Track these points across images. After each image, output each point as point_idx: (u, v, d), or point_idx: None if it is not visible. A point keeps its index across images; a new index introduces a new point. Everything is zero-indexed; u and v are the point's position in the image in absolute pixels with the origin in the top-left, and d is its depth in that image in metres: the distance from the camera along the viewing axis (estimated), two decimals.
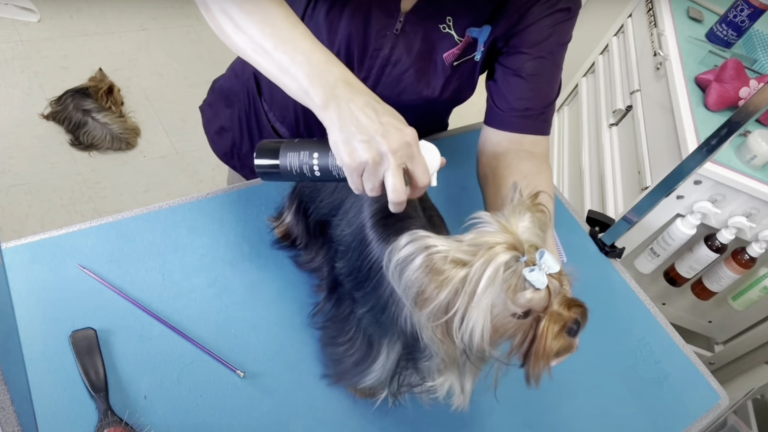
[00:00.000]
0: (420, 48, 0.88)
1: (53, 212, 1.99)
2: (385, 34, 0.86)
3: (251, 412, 0.73)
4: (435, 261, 0.54)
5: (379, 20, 0.85)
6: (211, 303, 0.81)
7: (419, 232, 0.55)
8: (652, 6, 1.81)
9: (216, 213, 0.91)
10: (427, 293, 0.55)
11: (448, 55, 0.89)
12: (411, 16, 0.85)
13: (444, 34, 0.87)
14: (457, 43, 0.87)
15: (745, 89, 1.40)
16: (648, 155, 1.51)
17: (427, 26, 0.86)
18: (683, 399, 0.93)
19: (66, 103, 2.18)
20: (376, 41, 0.87)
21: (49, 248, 0.80)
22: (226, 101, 1.13)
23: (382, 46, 0.88)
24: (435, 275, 0.54)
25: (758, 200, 1.32)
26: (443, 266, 0.54)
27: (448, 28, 0.86)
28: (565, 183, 2.01)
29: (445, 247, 0.54)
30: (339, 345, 0.74)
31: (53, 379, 0.70)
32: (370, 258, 0.69)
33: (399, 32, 0.86)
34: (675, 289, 1.60)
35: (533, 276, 0.54)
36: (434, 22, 0.86)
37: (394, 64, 0.89)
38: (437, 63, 0.89)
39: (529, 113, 0.89)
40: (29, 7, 2.54)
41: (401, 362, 0.68)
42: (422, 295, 0.55)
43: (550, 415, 0.85)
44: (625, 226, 1.09)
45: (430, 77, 0.91)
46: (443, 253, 0.54)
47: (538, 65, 0.88)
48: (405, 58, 0.88)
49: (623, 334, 0.99)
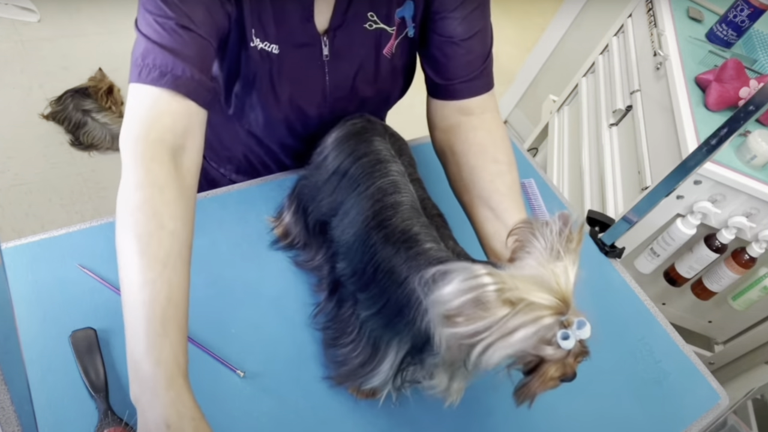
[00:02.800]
0: (357, 61, 0.87)
1: (53, 212, 1.99)
2: (317, 65, 0.85)
3: (251, 412, 0.73)
4: (486, 296, 0.53)
5: (305, 61, 0.84)
6: (211, 303, 0.81)
7: (475, 269, 0.54)
8: (652, 6, 1.81)
9: (216, 213, 0.91)
10: (462, 317, 0.54)
11: (387, 48, 0.87)
12: (333, 32, 0.83)
13: (373, 32, 0.85)
14: (391, 33, 0.86)
15: (745, 89, 1.40)
16: (648, 155, 1.51)
17: (353, 33, 0.84)
18: (683, 399, 0.93)
19: (66, 103, 2.18)
20: (314, 81, 0.86)
21: (49, 248, 0.80)
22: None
23: (322, 78, 0.86)
24: (480, 309, 0.54)
25: (758, 200, 1.32)
26: (492, 303, 0.53)
27: (375, 23, 0.84)
28: (565, 183, 2.01)
29: (496, 286, 0.53)
30: (342, 346, 0.74)
31: (53, 379, 0.70)
32: (375, 260, 0.68)
33: (329, 56, 0.85)
34: (675, 289, 1.60)
35: (565, 342, 0.55)
36: (358, 25, 0.83)
37: (338, 86, 0.88)
38: (381, 62, 0.88)
39: (471, 76, 0.87)
40: (29, 7, 2.54)
41: (407, 359, 0.68)
42: (457, 317, 0.54)
43: (550, 415, 0.84)
44: (625, 226, 1.09)
45: (378, 78, 0.90)
46: (495, 289, 0.53)
47: (467, 26, 0.85)
48: (345, 79, 0.88)
49: (623, 334, 0.99)
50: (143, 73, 0.68)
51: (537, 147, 2.48)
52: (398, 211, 0.71)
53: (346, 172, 0.77)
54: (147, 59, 0.69)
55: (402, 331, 0.66)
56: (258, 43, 0.80)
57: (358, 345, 0.72)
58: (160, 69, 0.68)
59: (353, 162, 0.77)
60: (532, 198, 1.14)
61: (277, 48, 0.81)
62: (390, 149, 0.78)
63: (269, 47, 0.81)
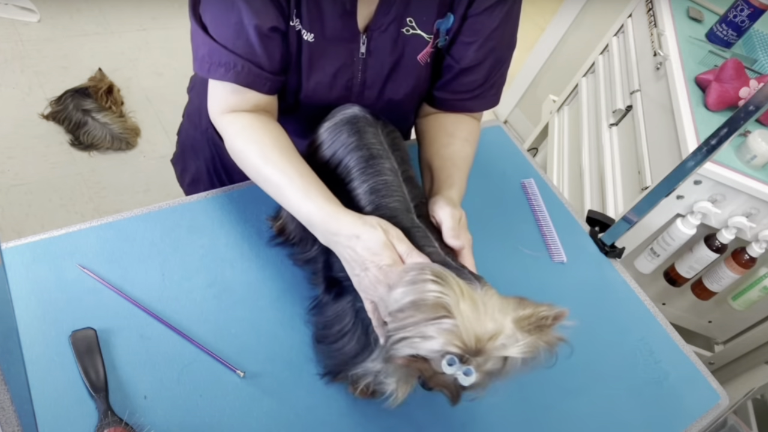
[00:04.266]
0: (391, 60, 0.87)
1: (53, 212, 1.99)
2: (352, 62, 0.86)
3: (251, 412, 0.73)
4: (426, 299, 0.58)
5: (340, 55, 0.85)
6: (211, 303, 0.81)
7: (425, 272, 0.59)
8: (652, 6, 1.81)
9: (216, 213, 0.91)
10: (403, 314, 0.59)
11: (423, 55, 0.88)
12: (372, 33, 0.84)
13: (410, 37, 0.86)
14: (428, 41, 0.87)
15: (745, 89, 1.40)
16: (648, 155, 1.51)
17: (391, 36, 0.85)
18: (683, 399, 0.93)
19: (66, 103, 2.18)
20: (343, 75, 0.87)
21: (49, 248, 0.80)
22: (192, 153, 1.13)
23: (353, 75, 0.87)
24: (415, 310, 0.59)
25: (758, 200, 1.32)
26: (431, 305, 0.58)
27: (413, 29, 0.85)
28: (565, 183, 2.01)
29: (438, 292, 0.58)
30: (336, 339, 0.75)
31: (53, 379, 0.70)
32: None
33: (365, 54, 0.86)
34: (675, 289, 1.60)
35: (462, 377, 0.58)
36: (396, 28, 0.84)
37: (368, 86, 0.89)
38: (413, 66, 0.89)
39: (464, 97, 0.94)
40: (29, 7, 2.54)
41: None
42: (399, 313, 0.60)
43: (550, 415, 0.85)
44: (625, 226, 1.09)
45: (410, 82, 0.91)
46: (435, 295, 0.58)
47: (477, 55, 0.89)
48: (377, 79, 0.89)
49: (623, 334, 0.99)
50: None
51: (537, 147, 2.48)
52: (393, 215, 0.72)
53: (338, 164, 0.77)
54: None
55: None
56: (297, 24, 0.81)
57: (353, 336, 0.72)
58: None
59: (346, 153, 0.77)
60: (532, 198, 1.14)
61: (312, 37, 0.82)
62: (383, 142, 0.78)
63: (306, 35, 0.82)
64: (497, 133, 1.25)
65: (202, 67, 0.79)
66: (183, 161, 1.17)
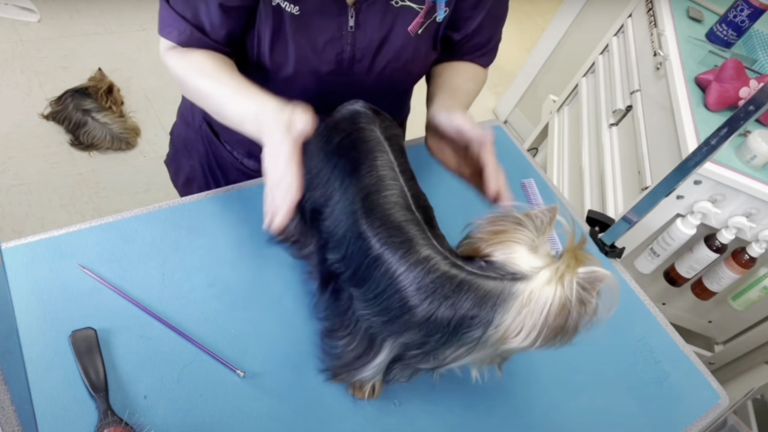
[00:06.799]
0: (380, 34, 0.88)
1: (53, 212, 1.99)
2: (341, 35, 0.86)
3: (251, 412, 0.73)
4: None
5: (328, 28, 0.85)
6: (211, 303, 0.81)
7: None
8: (652, 6, 1.81)
9: (216, 213, 0.91)
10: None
11: (413, 26, 0.88)
12: (360, 6, 0.84)
13: (400, 9, 0.86)
14: (418, 11, 0.87)
15: (745, 89, 1.40)
16: (648, 155, 1.51)
17: (380, 8, 0.86)
18: (683, 399, 0.93)
19: (66, 103, 2.18)
20: (332, 48, 0.87)
21: (49, 248, 0.80)
22: (186, 152, 1.12)
23: (342, 48, 0.87)
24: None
25: (758, 200, 1.32)
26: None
27: (402, 1, 0.86)
28: (565, 183, 2.01)
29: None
30: (339, 338, 0.74)
31: (53, 379, 0.70)
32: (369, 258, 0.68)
33: (354, 27, 0.86)
34: (675, 289, 1.60)
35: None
36: (385, 0, 0.85)
37: (357, 59, 0.89)
38: (405, 38, 0.89)
39: (472, 55, 1.00)
40: (29, 7, 2.54)
41: (397, 359, 0.69)
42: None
43: (550, 415, 0.85)
44: (625, 226, 1.09)
45: (403, 55, 0.91)
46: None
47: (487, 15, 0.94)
48: (368, 51, 0.89)
49: (623, 334, 0.99)
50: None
51: (537, 147, 2.48)
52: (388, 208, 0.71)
53: (337, 162, 0.77)
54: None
55: (397, 332, 0.66)
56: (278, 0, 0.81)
57: (354, 339, 0.72)
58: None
59: (343, 150, 0.77)
60: (532, 198, 1.14)
61: (297, 9, 0.82)
62: (380, 138, 0.78)
63: (290, 8, 0.82)
64: (497, 133, 1.25)
65: (160, 30, 0.85)
66: (177, 161, 1.17)
